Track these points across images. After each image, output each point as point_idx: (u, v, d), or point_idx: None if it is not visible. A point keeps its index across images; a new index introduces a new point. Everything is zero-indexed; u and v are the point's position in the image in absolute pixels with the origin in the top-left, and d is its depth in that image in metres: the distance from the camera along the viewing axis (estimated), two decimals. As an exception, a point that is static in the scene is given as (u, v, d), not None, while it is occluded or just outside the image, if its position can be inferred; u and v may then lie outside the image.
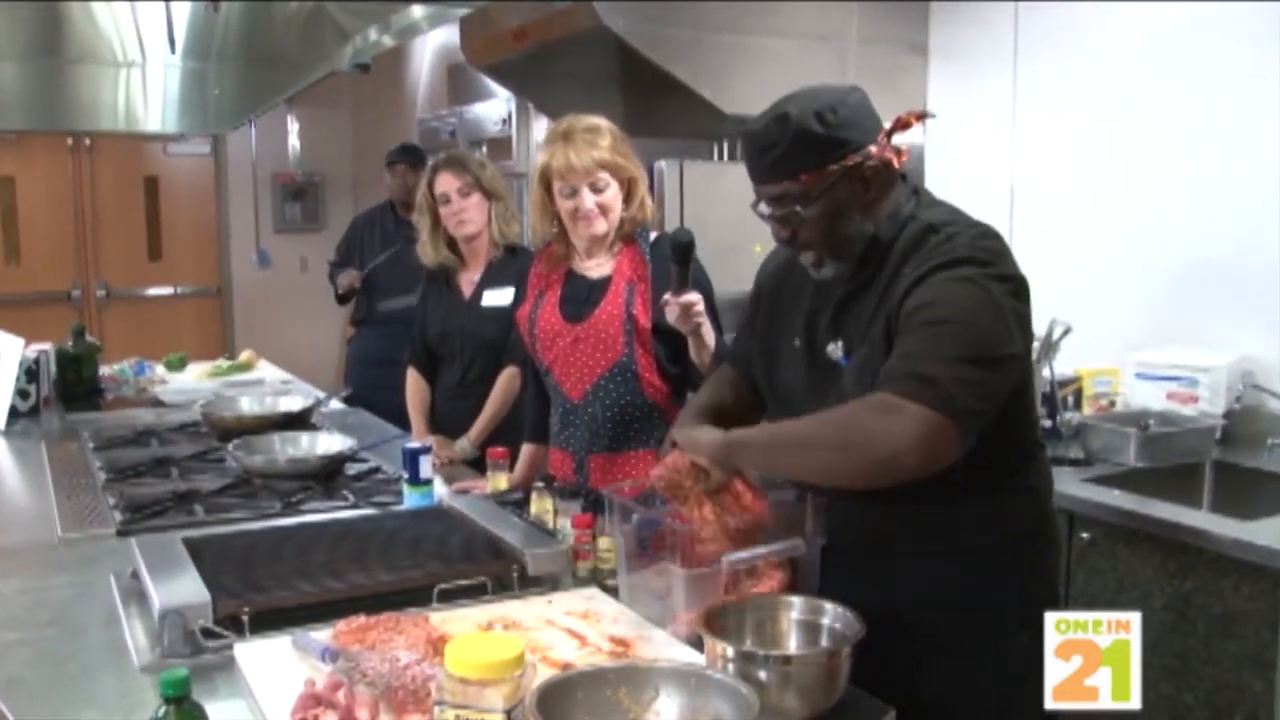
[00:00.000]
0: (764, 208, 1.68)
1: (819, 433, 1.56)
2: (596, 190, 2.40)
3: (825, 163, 1.60)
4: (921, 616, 1.61)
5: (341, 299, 4.96)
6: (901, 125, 1.66)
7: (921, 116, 1.67)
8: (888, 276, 1.62)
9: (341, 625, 1.59)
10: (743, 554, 1.60)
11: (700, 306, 2.19)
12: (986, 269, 1.55)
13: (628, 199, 2.46)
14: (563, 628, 1.65)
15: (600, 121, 2.45)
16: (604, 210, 2.42)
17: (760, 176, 1.66)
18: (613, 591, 1.81)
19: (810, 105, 1.60)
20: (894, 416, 1.47)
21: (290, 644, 1.58)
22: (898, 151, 1.64)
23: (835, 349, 1.68)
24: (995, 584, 1.66)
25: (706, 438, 1.68)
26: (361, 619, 1.60)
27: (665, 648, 1.58)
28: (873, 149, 1.62)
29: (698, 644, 1.55)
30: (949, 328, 1.51)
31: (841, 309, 1.69)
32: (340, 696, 1.36)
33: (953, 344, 1.50)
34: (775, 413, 1.81)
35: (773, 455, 1.65)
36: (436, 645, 1.53)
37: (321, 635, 1.57)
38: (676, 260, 2.16)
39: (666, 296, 2.20)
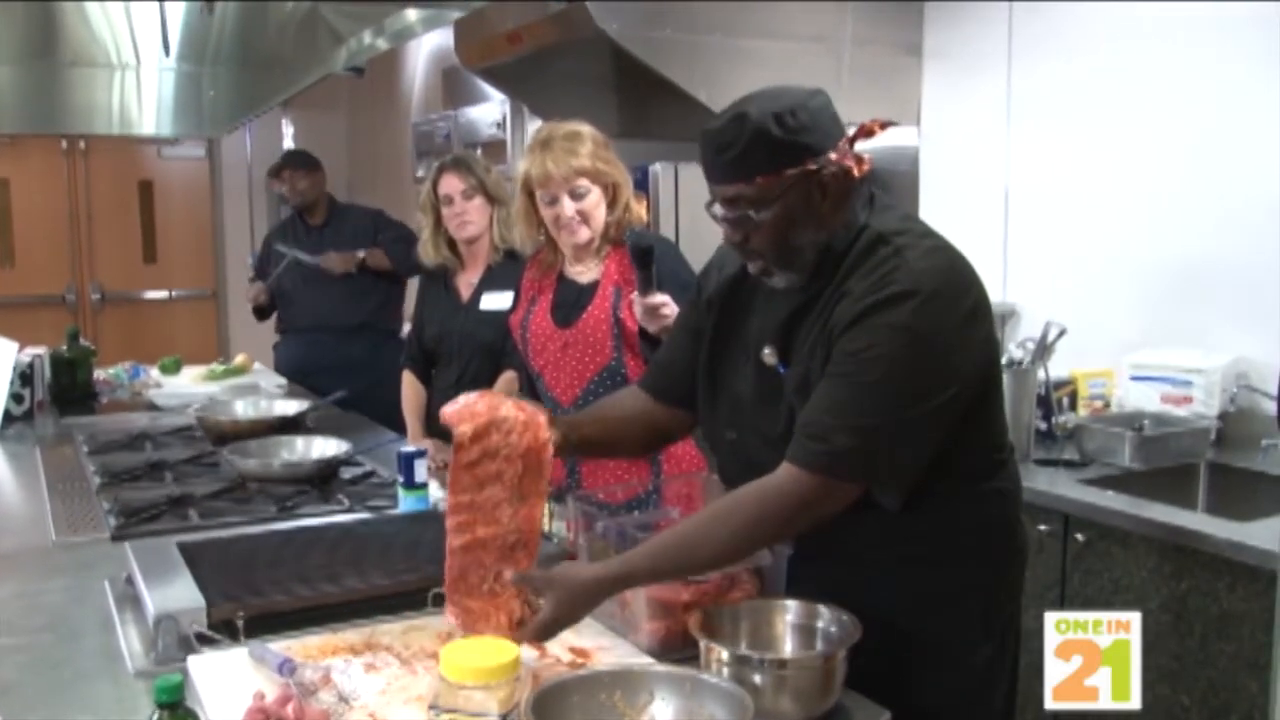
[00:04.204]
0: (718, 209, 1.63)
1: (731, 547, 1.53)
2: (576, 197, 2.40)
3: (781, 167, 1.55)
4: (888, 625, 1.57)
5: (257, 312, 4.79)
6: (864, 133, 1.60)
7: (885, 125, 1.62)
8: (834, 289, 1.59)
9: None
10: None
11: (669, 309, 2.17)
12: (932, 303, 1.51)
13: (612, 204, 2.45)
14: None
15: (581, 127, 2.44)
16: (585, 218, 2.42)
17: (715, 177, 1.61)
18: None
19: (770, 107, 1.55)
20: (803, 507, 1.51)
21: (247, 655, 1.55)
22: (859, 160, 1.59)
23: (770, 354, 1.66)
24: (959, 595, 1.65)
25: (590, 591, 1.52)
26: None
27: (626, 658, 1.55)
28: (832, 155, 1.56)
29: (659, 654, 1.55)
30: (869, 390, 1.49)
31: (790, 319, 1.66)
32: (290, 710, 1.33)
33: (867, 408, 1.49)
34: (729, 430, 1.75)
35: (677, 578, 1.59)
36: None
37: (279, 646, 1.55)
38: (638, 265, 2.16)
39: (633, 297, 2.20)
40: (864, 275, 1.56)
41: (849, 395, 1.50)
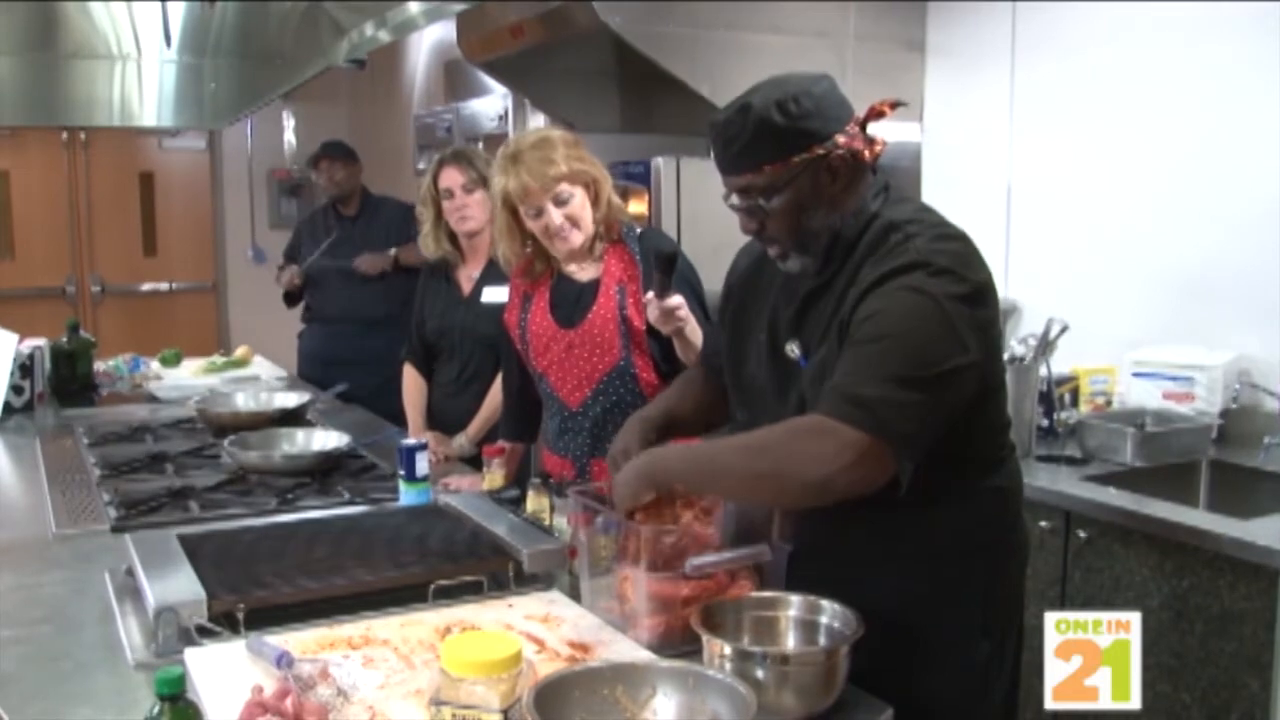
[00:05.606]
0: (734, 199, 1.66)
1: (747, 459, 1.55)
2: (561, 203, 2.37)
3: (788, 154, 1.57)
4: (889, 621, 1.56)
5: (288, 298, 4.85)
6: (874, 114, 1.61)
7: (895, 104, 1.63)
8: (847, 277, 1.60)
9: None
10: (707, 559, 1.58)
11: (684, 311, 2.18)
12: (940, 276, 1.51)
13: (595, 201, 2.42)
14: (521, 632, 1.61)
15: (549, 133, 2.43)
16: (575, 222, 2.39)
17: (725, 168, 1.64)
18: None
19: (773, 95, 1.56)
20: (825, 441, 1.46)
21: (244, 648, 1.55)
22: (870, 141, 1.60)
23: (793, 348, 1.67)
24: (959, 593, 1.64)
25: (630, 460, 1.68)
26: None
27: (626, 653, 1.55)
28: (840, 139, 1.58)
29: (659, 649, 1.54)
30: (888, 344, 1.49)
31: (803, 308, 1.67)
32: (288, 704, 1.31)
33: (890, 363, 1.48)
34: (741, 410, 1.81)
35: (698, 480, 1.62)
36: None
37: (276, 640, 1.54)
38: (661, 271, 2.17)
39: (649, 297, 2.20)
40: (875, 264, 1.57)
41: (864, 354, 1.50)
